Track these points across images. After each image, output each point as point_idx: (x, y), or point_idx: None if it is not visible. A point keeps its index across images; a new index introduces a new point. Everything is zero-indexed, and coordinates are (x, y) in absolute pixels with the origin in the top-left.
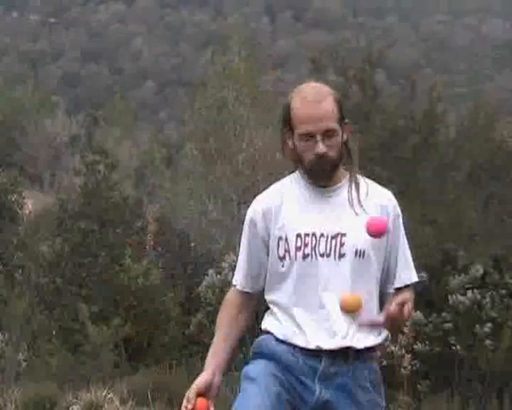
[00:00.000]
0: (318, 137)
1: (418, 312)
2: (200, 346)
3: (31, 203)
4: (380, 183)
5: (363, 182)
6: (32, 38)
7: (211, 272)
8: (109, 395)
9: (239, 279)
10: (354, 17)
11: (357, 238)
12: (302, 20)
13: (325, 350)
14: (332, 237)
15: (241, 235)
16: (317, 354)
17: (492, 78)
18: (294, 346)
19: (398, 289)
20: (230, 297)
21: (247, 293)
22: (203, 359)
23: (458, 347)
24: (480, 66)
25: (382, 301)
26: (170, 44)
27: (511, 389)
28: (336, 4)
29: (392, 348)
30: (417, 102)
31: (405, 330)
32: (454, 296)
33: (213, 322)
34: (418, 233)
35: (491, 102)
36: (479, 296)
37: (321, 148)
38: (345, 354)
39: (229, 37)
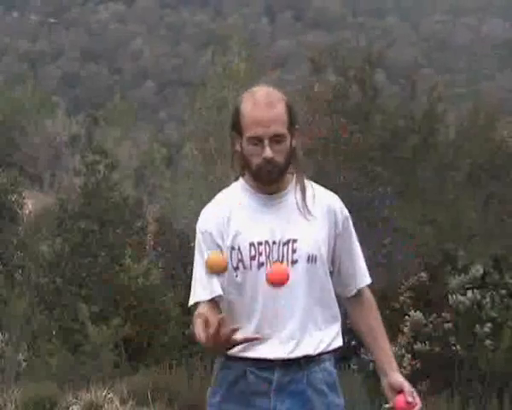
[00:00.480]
0: (266, 142)
1: (418, 312)
2: (200, 346)
3: (31, 203)
4: (380, 183)
5: (310, 186)
6: (31, 38)
7: None
8: (109, 395)
9: (212, 289)
10: (354, 17)
11: (309, 243)
12: (302, 20)
13: (278, 360)
14: (284, 244)
15: None
16: (270, 365)
17: (492, 77)
18: (246, 359)
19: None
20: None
21: (216, 301)
22: (203, 359)
23: (458, 347)
24: (480, 65)
25: (341, 301)
26: (170, 44)
27: (511, 389)
28: (336, 4)
29: (392, 348)
30: (417, 102)
31: (405, 330)
32: (454, 296)
33: None
34: (418, 233)
35: (492, 102)
36: (479, 296)
37: (268, 152)
38: (297, 362)
39: (229, 37)
